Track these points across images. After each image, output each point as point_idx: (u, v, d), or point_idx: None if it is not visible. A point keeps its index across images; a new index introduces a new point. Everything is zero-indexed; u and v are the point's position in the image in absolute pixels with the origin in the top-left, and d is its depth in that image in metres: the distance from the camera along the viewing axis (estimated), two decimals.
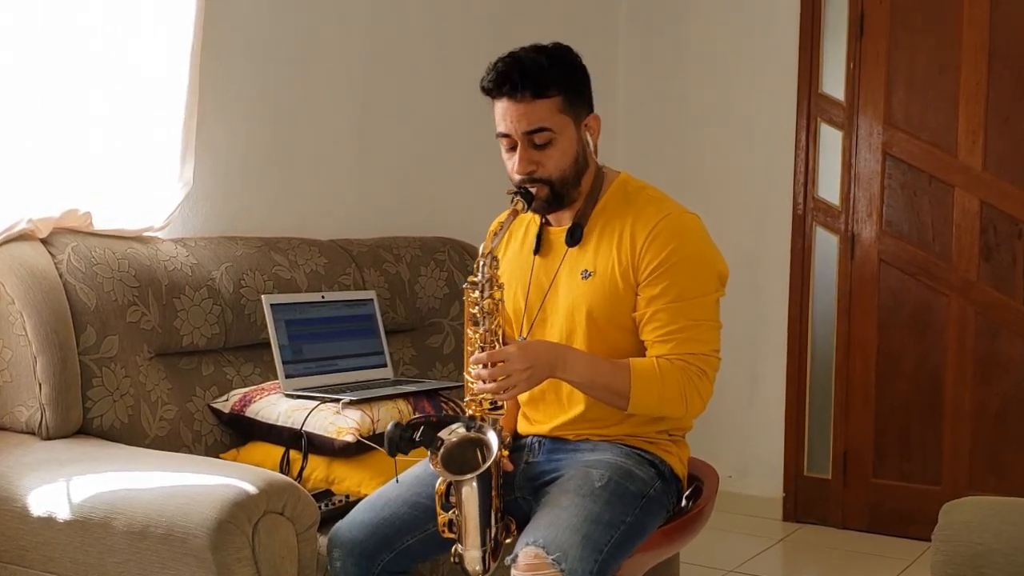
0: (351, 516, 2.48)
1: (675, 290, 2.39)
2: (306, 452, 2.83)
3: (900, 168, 4.54)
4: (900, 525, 4.55)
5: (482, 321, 2.36)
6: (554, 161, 2.42)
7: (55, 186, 2.93)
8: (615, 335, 2.46)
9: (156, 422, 2.88)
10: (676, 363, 2.38)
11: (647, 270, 2.41)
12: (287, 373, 3.06)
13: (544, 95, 2.39)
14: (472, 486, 2.29)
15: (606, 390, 2.38)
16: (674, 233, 2.42)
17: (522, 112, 2.39)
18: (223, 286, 3.13)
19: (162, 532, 2.26)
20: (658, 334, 2.40)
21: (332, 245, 3.54)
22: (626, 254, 2.43)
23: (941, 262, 4.48)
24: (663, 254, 2.40)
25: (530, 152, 2.41)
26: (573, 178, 2.47)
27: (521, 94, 2.38)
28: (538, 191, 2.43)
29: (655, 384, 2.37)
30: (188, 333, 3.02)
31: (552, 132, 2.41)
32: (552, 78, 2.40)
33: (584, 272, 2.47)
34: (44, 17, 2.86)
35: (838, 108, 4.64)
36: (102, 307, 2.81)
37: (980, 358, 4.44)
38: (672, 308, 2.39)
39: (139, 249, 3.00)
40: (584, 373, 2.37)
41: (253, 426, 2.95)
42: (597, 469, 2.40)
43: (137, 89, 3.05)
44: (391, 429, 2.28)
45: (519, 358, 2.29)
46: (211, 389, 3.07)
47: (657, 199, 2.50)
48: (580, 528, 2.24)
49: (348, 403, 2.89)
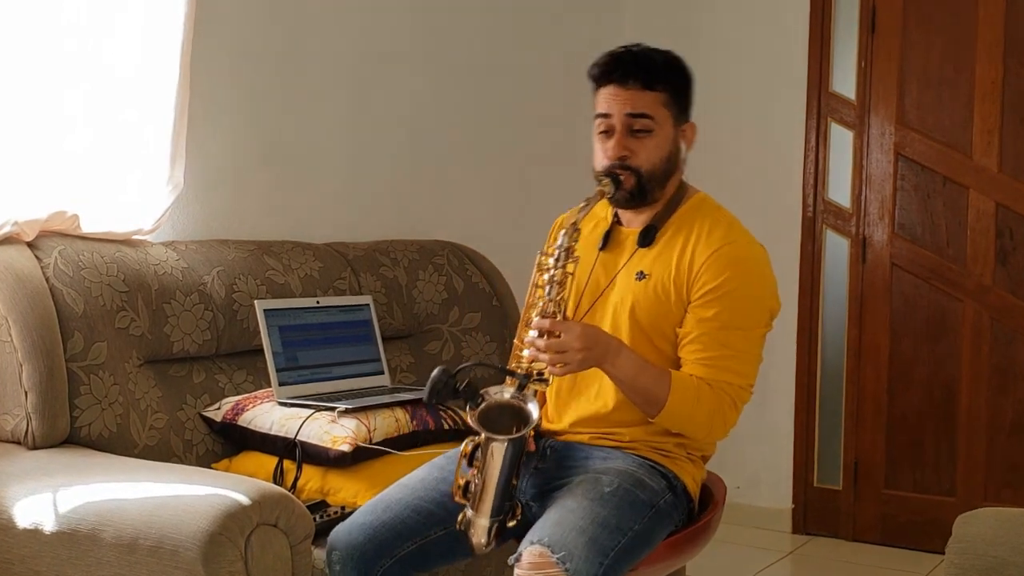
0: (352, 519, 2.49)
1: (725, 317, 2.46)
2: (300, 462, 2.83)
3: (913, 169, 4.55)
4: (913, 537, 4.55)
5: (549, 290, 2.40)
6: (648, 152, 2.51)
7: (41, 188, 2.93)
8: (656, 340, 2.52)
9: (146, 431, 2.88)
10: (711, 388, 2.44)
11: (701, 291, 2.47)
12: (281, 381, 3.06)
13: (652, 87, 2.51)
14: (502, 450, 2.31)
15: (644, 394, 2.43)
16: (735, 260, 2.49)
17: (627, 97, 2.50)
18: (215, 291, 3.13)
19: (152, 544, 2.26)
20: (698, 356, 2.46)
21: (327, 249, 3.54)
22: (684, 268, 2.50)
23: (955, 266, 4.48)
24: (720, 279, 2.46)
25: (626, 139, 2.50)
26: (661, 176, 2.55)
27: (632, 81, 2.49)
28: (626, 179, 2.50)
29: (691, 402, 2.42)
30: (179, 339, 3.03)
31: (652, 121, 2.51)
32: (662, 74, 2.53)
33: (639, 273, 2.54)
34: (27, 15, 2.86)
35: (849, 107, 4.64)
36: (90, 312, 2.81)
37: (996, 365, 4.44)
38: (718, 335, 2.46)
39: (128, 253, 3.00)
40: (629, 371, 2.42)
41: (246, 435, 2.95)
42: (607, 475, 2.43)
43: (125, 89, 3.06)
44: (438, 373, 2.30)
45: (579, 337, 2.34)
46: (202, 397, 3.07)
47: (728, 223, 2.56)
48: (587, 530, 2.26)
49: (344, 412, 2.89)
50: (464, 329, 3.72)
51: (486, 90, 4.46)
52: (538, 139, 4.68)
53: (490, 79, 4.47)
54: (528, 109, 4.64)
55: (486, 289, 3.80)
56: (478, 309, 3.76)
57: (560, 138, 4.68)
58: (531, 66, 4.64)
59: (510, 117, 4.57)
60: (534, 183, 4.65)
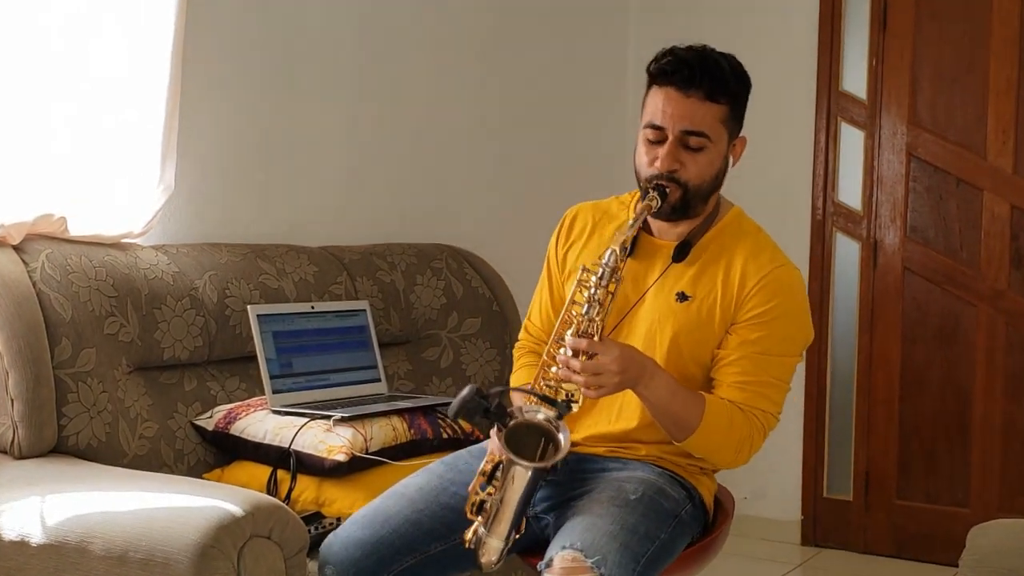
0: (346, 531, 2.46)
1: (767, 343, 2.44)
2: (295, 472, 2.84)
3: (925, 170, 4.55)
4: (925, 549, 4.55)
5: (588, 309, 2.34)
6: (699, 168, 2.44)
7: (28, 190, 2.93)
8: (691, 366, 2.49)
9: (135, 440, 2.89)
10: (744, 414, 2.42)
11: (749, 314, 2.45)
12: (275, 388, 3.06)
13: (715, 99, 2.41)
14: (526, 477, 2.27)
15: (675, 418, 2.40)
16: (784, 286, 2.47)
17: (687, 110, 2.40)
18: (207, 296, 3.13)
19: (142, 557, 2.26)
20: (736, 380, 2.44)
21: (322, 252, 3.54)
22: (732, 290, 2.47)
23: (969, 270, 4.49)
24: (769, 304, 2.44)
25: (678, 151, 2.42)
26: (707, 192, 2.49)
27: (695, 89, 2.39)
28: (671, 192, 2.43)
29: (723, 429, 2.40)
30: (169, 346, 3.03)
31: (708, 140, 2.42)
32: (728, 85, 2.43)
33: (680, 294, 2.49)
34: (12, 15, 2.87)
35: (860, 107, 4.65)
36: (78, 318, 2.81)
37: (1011, 372, 4.44)
38: (759, 360, 2.44)
39: (117, 257, 3.00)
40: (664, 395, 2.38)
41: (238, 444, 2.96)
42: (630, 483, 2.41)
43: (114, 89, 3.06)
44: (468, 393, 2.21)
45: (618, 359, 2.28)
46: (194, 405, 3.07)
47: (772, 246, 2.55)
48: (618, 535, 2.25)
49: (339, 420, 2.90)
50: (463, 335, 3.72)
51: (486, 91, 4.46)
52: (540, 141, 4.68)
53: (491, 80, 4.48)
54: (530, 111, 4.64)
55: (486, 294, 3.81)
56: (478, 314, 3.76)
57: (563, 141, 4.69)
58: (534, 67, 4.64)
59: (511, 118, 4.57)
60: (535, 186, 4.65)
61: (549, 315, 2.69)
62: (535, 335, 2.75)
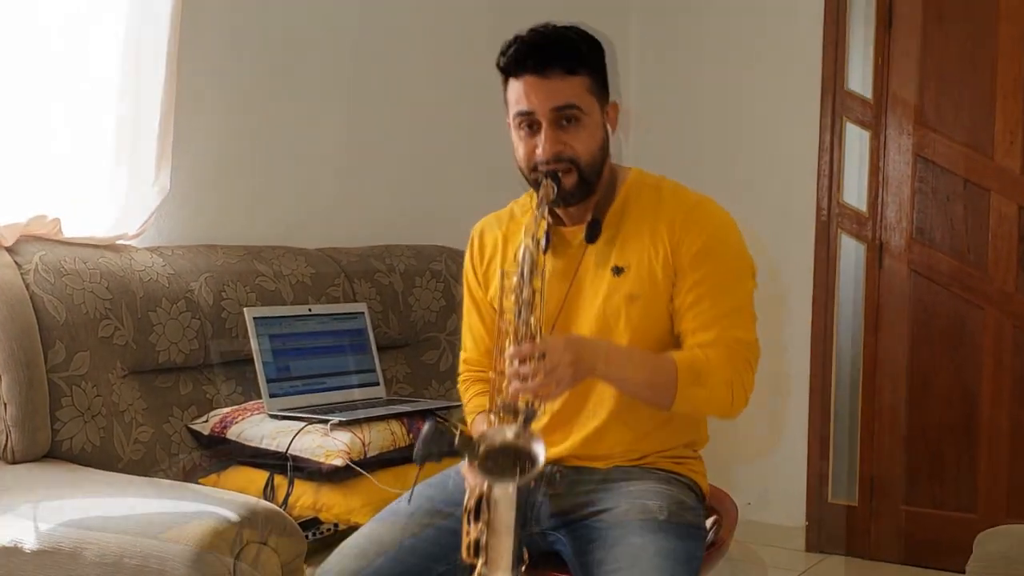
0: (338, 561, 2.35)
1: (718, 275, 2.40)
2: (292, 477, 2.84)
3: (932, 171, 4.55)
4: (932, 556, 4.55)
5: (519, 312, 2.24)
6: (582, 143, 2.40)
7: (21, 191, 2.94)
8: (653, 329, 2.43)
9: (130, 444, 2.89)
10: (721, 351, 2.36)
11: (688, 254, 2.40)
12: (271, 392, 3.07)
13: (575, 72, 2.38)
14: (512, 498, 2.16)
15: (650, 386, 2.35)
16: (711, 218, 2.44)
17: (551, 88, 2.37)
18: (202, 298, 3.13)
19: (137, 563, 2.26)
20: (702, 320, 2.38)
21: (319, 254, 3.55)
22: (663, 242, 2.42)
23: (976, 272, 4.49)
24: (703, 237, 2.40)
25: (556, 132, 2.38)
26: (599, 165, 2.45)
27: (552, 68, 2.36)
28: (566, 177, 2.40)
29: (705, 375, 2.33)
30: (165, 349, 3.03)
31: (581, 111, 2.38)
32: (582, 55, 2.41)
33: (615, 268, 2.45)
34: (7, 16, 2.88)
35: (865, 106, 4.65)
36: (72, 321, 2.82)
37: (1019, 375, 4.44)
38: (716, 292, 2.39)
39: (112, 259, 3.01)
40: (626, 367, 2.33)
41: (235, 449, 2.96)
42: (653, 500, 2.35)
43: (108, 89, 3.07)
44: (429, 431, 2.13)
45: (564, 349, 2.19)
46: (189, 409, 3.08)
47: (683, 190, 2.51)
48: (664, 567, 2.20)
49: (337, 424, 2.90)
50: None
51: (487, 92, 4.45)
52: None
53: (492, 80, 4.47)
54: None
55: None
56: None
57: None
58: None
59: None
60: None
61: (483, 338, 2.66)
62: (476, 363, 2.71)
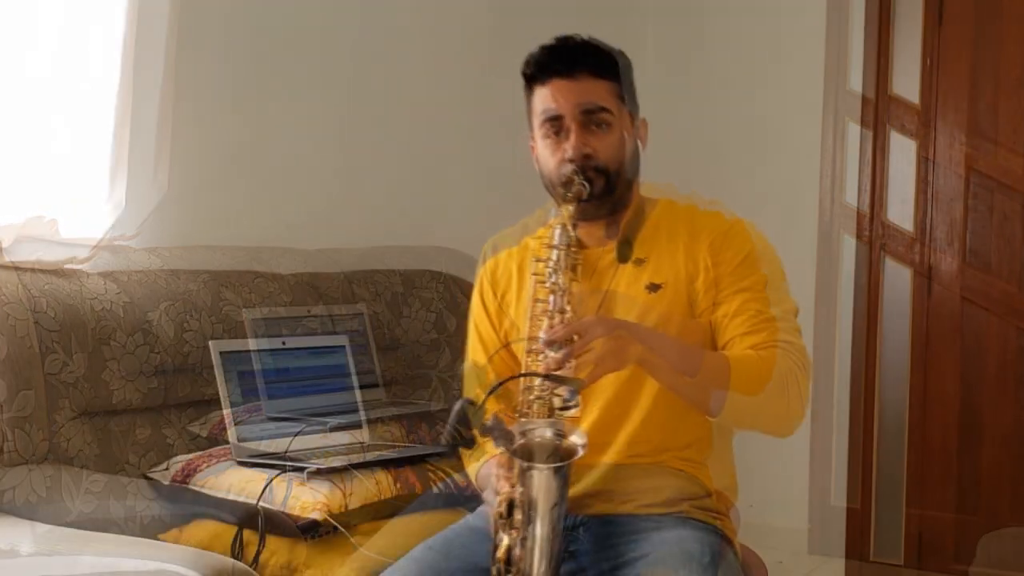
0: None
1: (762, 283, 2.46)
2: (263, 533, 2.83)
3: (987, 186, 4.56)
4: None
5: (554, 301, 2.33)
6: (612, 148, 2.48)
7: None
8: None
9: (80, 495, 2.88)
10: (775, 353, 2.39)
11: (733, 262, 2.47)
12: (240, 436, 3.06)
13: (603, 76, 2.49)
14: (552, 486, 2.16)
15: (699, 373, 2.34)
16: (751, 235, 2.51)
17: (580, 89, 2.47)
18: (162, 330, 3.13)
19: None
20: (752, 323, 2.42)
21: (296, 280, 3.55)
22: (703, 259, 2.48)
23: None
24: (747, 248, 2.48)
25: (585, 134, 2.46)
26: (628, 177, 2.52)
27: (580, 70, 2.48)
28: (595, 180, 2.45)
29: (757, 371, 2.36)
30: (120, 387, 3.03)
31: (611, 115, 2.48)
32: (610, 62, 2.52)
33: (651, 285, 2.49)
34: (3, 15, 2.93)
35: (912, 113, 4.65)
36: (14, 355, 2.81)
37: None
38: (764, 300, 2.45)
39: (60, 285, 3.00)
40: (672, 351, 2.34)
41: (199, 500, 2.95)
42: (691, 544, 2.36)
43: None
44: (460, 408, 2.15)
45: (601, 323, 2.24)
46: (148, 455, 3.07)
47: (719, 214, 2.56)
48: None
49: (314, 472, 2.89)
50: (456, 375, 3.71)
51: (487, 92, 4.49)
52: None
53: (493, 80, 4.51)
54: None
55: None
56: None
57: None
58: None
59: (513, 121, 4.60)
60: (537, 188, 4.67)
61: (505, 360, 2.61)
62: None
